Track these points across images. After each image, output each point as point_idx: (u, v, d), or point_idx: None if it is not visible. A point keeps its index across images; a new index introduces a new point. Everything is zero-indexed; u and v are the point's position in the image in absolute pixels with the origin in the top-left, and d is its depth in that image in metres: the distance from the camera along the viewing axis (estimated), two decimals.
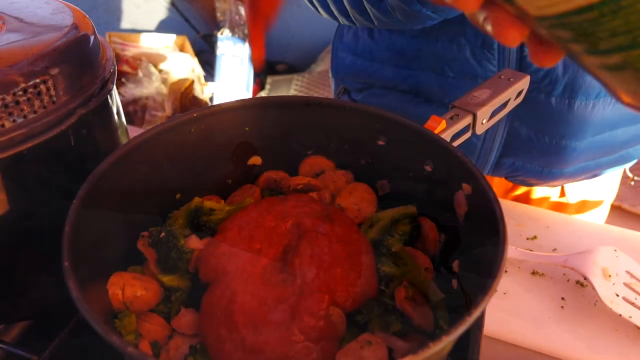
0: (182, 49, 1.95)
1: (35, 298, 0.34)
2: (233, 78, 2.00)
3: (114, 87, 0.35)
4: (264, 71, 2.24)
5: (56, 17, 0.34)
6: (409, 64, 0.60)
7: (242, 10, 1.93)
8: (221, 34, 1.95)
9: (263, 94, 2.15)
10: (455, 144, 0.38)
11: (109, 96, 0.33)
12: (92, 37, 0.33)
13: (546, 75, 0.53)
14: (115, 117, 0.36)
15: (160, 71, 1.66)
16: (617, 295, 0.47)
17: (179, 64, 1.73)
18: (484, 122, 0.38)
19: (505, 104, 0.40)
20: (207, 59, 2.07)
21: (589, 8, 0.20)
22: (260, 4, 0.48)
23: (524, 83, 0.41)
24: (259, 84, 2.20)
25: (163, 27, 2.14)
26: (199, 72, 1.87)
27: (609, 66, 0.23)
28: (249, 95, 2.03)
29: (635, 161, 0.67)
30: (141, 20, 2.12)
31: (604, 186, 0.72)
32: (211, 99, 1.84)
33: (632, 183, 0.77)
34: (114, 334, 0.21)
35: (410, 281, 0.33)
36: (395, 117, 0.34)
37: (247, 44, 1.97)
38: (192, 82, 1.62)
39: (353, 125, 0.37)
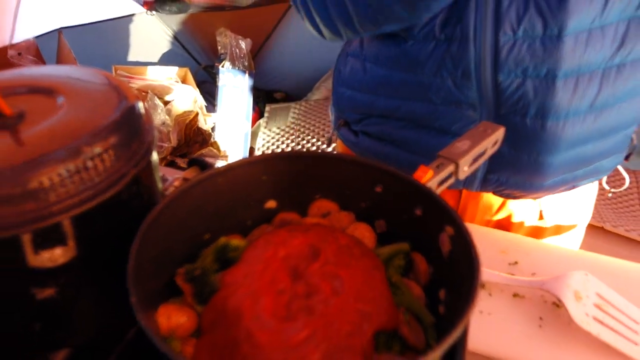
0: (184, 80, 2.03)
1: (86, 327, 0.40)
2: (234, 108, 2.07)
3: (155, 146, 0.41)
4: (262, 99, 2.32)
5: (106, 90, 0.40)
6: (399, 95, 0.68)
7: (242, 44, 2.02)
8: (222, 66, 2.03)
9: (262, 121, 2.22)
10: (443, 187, 0.44)
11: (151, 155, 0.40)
12: (137, 106, 0.40)
13: (519, 100, 0.60)
14: (154, 170, 0.42)
15: (165, 103, 1.73)
16: (588, 315, 0.53)
17: (182, 95, 1.81)
18: (465, 168, 0.45)
19: (483, 153, 0.47)
20: (208, 90, 2.15)
21: None
22: None
23: (499, 134, 0.48)
24: (258, 112, 2.28)
25: (166, 59, 2.22)
26: (201, 102, 1.94)
27: None
28: (248, 123, 2.11)
29: (608, 173, 0.74)
30: (144, 53, 2.20)
31: (580, 210, 0.79)
32: (213, 129, 1.91)
33: (610, 195, 0.84)
34: (179, 355, 0.27)
35: (407, 307, 0.39)
36: (389, 169, 0.41)
37: (247, 75, 2.06)
38: (197, 114, 1.69)
39: (354, 174, 0.43)
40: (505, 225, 0.76)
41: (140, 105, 0.40)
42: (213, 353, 0.35)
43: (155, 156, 0.43)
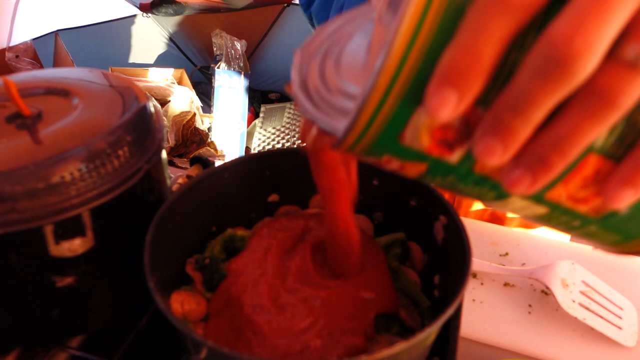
0: (180, 81, 2.05)
1: (102, 315, 0.42)
2: (230, 109, 2.10)
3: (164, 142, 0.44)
4: (257, 100, 2.34)
5: (118, 91, 0.43)
6: None
7: (238, 45, 2.04)
8: (218, 67, 2.06)
9: (257, 122, 2.25)
10: None
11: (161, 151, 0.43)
12: (148, 106, 0.42)
13: None
14: (164, 166, 0.45)
15: (162, 104, 1.75)
16: (574, 302, 0.56)
17: (179, 96, 1.83)
18: None
19: None
20: (204, 90, 2.17)
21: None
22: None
23: None
24: (254, 112, 2.30)
25: (161, 61, 2.24)
26: (197, 103, 1.96)
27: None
28: (244, 124, 2.13)
29: None
30: (141, 55, 2.22)
31: None
32: (209, 129, 1.93)
33: None
34: (195, 333, 0.29)
35: (404, 292, 0.42)
36: None
37: (242, 76, 2.08)
38: (194, 114, 1.71)
39: None
40: (499, 216, 0.79)
41: (151, 105, 0.43)
42: (219, 337, 0.38)
43: (164, 153, 0.45)
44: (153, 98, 1.79)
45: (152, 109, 0.43)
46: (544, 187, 0.24)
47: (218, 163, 0.50)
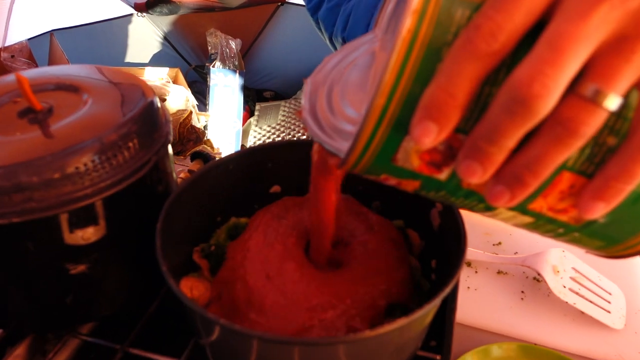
0: (175, 80, 2.06)
1: (112, 301, 0.44)
2: (225, 107, 2.11)
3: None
4: (252, 98, 2.36)
5: (125, 87, 0.44)
6: None
7: (233, 44, 2.05)
8: (213, 66, 2.07)
9: (252, 120, 2.26)
10: None
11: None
12: (155, 101, 0.44)
13: None
14: (170, 159, 0.46)
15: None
16: (565, 287, 0.58)
17: (175, 94, 1.84)
18: None
19: None
20: (199, 89, 2.19)
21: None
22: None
23: None
24: (248, 111, 2.31)
25: (156, 60, 2.25)
26: (193, 102, 1.97)
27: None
28: (240, 122, 2.15)
29: None
30: (136, 54, 2.23)
31: None
32: (205, 127, 1.94)
33: None
34: (208, 313, 0.31)
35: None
36: None
37: (237, 75, 2.09)
38: (191, 112, 1.72)
39: None
40: None
41: (157, 100, 0.44)
42: (220, 314, 0.39)
43: (170, 147, 0.47)
44: None
45: (159, 104, 0.45)
46: (524, 201, 0.27)
47: None
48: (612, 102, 0.22)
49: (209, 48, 2.15)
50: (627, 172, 0.24)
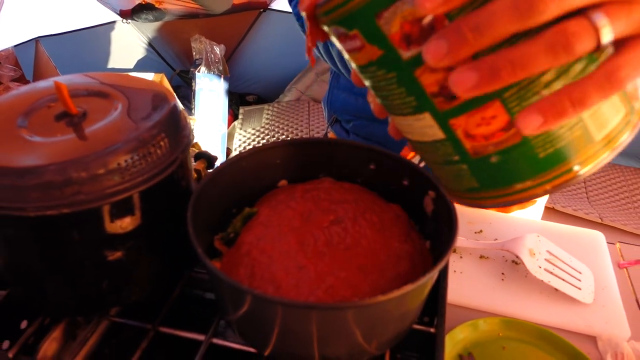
0: None
1: (143, 286, 0.49)
2: (210, 111, 2.15)
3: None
4: (235, 102, 2.40)
5: (150, 93, 0.49)
6: None
7: (217, 50, 2.09)
8: (198, 71, 2.11)
9: (237, 123, 2.31)
10: (423, 163, 0.55)
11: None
12: (177, 104, 0.49)
13: None
14: (190, 158, 0.51)
15: None
16: (540, 268, 0.65)
17: None
18: None
19: None
20: (184, 94, 2.22)
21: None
22: None
23: None
24: (232, 114, 2.35)
25: (141, 66, 2.28)
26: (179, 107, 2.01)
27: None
28: (225, 125, 2.19)
29: None
30: (121, 60, 2.25)
31: None
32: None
33: None
34: (242, 284, 0.36)
35: None
36: (381, 150, 0.51)
37: (222, 80, 2.13)
38: None
39: (351, 155, 0.53)
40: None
41: (179, 104, 0.50)
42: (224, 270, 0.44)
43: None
44: None
45: (181, 107, 0.50)
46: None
47: None
48: (607, 36, 0.24)
49: (194, 53, 2.19)
50: (583, 97, 0.25)
